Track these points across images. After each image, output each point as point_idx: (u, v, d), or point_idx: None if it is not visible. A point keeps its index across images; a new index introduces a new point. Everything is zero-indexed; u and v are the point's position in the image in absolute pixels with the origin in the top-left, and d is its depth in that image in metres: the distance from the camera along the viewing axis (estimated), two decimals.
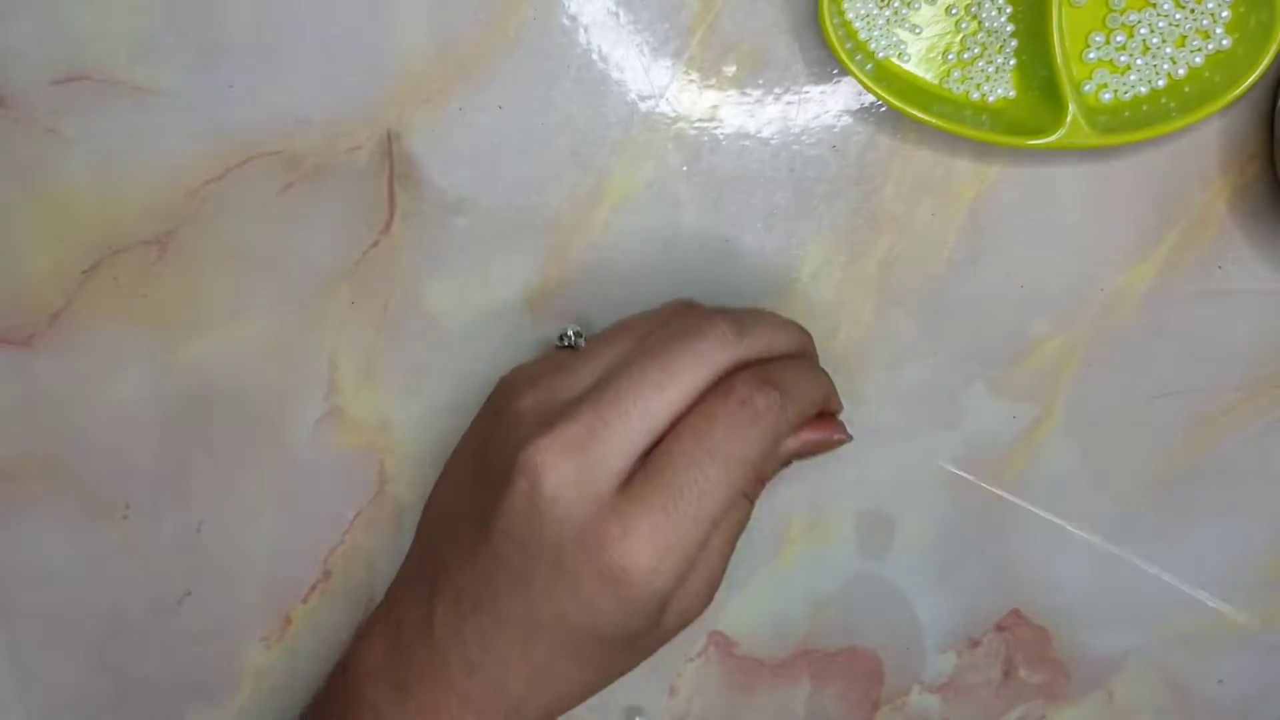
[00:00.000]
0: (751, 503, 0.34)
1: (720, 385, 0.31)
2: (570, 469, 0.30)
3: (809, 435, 0.34)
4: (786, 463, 0.34)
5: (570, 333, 0.37)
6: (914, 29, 0.38)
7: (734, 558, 0.42)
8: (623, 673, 0.34)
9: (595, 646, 0.32)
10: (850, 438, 0.35)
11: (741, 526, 0.33)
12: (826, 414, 0.35)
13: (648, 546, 0.30)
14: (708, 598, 0.33)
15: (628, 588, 0.30)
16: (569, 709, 0.34)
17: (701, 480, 0.30)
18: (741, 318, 0.33)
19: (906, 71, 0.38)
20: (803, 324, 0.36)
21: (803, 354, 0.35)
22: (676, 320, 0.33)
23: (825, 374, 0.35)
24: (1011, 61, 0.38)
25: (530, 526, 0.31)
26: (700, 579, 0.33)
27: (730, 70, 0.39)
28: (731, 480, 0.31)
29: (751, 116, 0.39)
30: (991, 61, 0.38)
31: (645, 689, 0.44)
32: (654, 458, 0.31)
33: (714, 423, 0.31)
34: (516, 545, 0.31)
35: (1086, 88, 0.38)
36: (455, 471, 0.36)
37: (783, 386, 0.32)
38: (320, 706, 0.36)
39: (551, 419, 0.31)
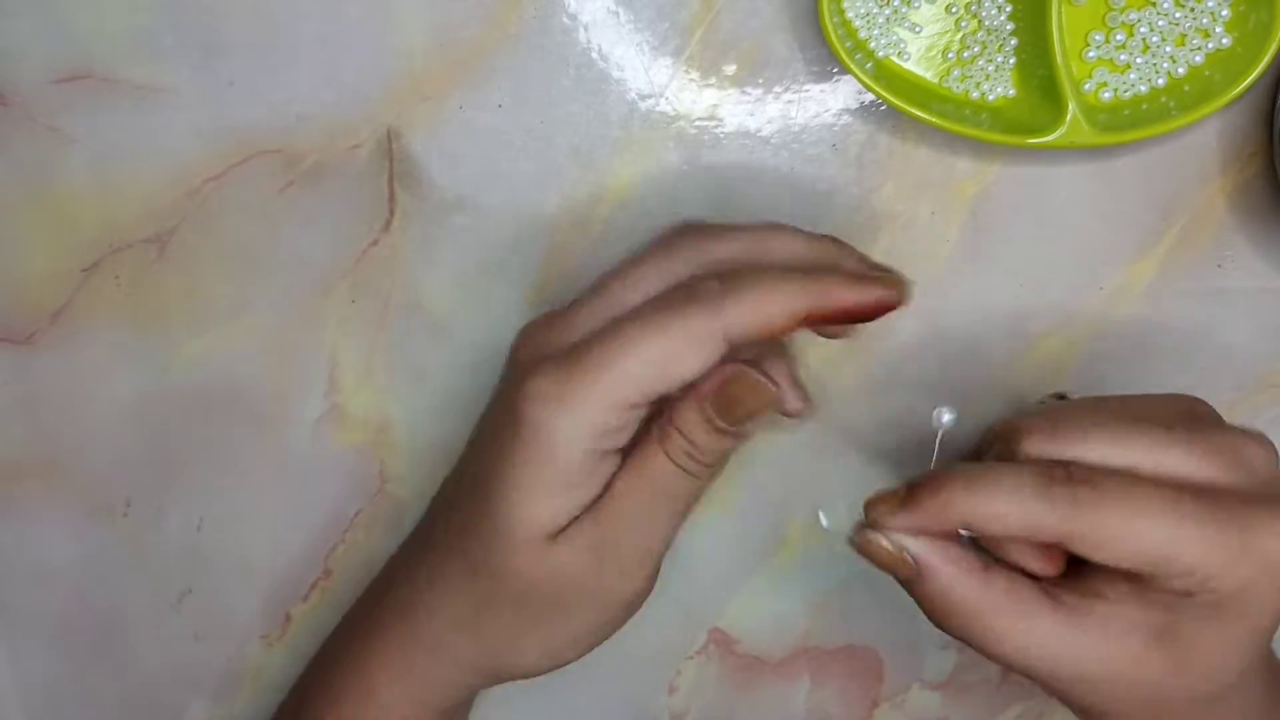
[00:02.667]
0: (689, 478, 0.32)
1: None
2: (535, 339, 0.33)
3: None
4: (710, 422, 0.32)
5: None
6: (914, 28, 0.38)
7: (734, 556, 0.43)
8: (519, 626, 0.34)
9: (489, 532, 0.33)
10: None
11: (672, 498, 0.33)
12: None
13: (548, 386, 0.31)
14: (617, 564, 0.33)
15: (523, 425, 0.31)
16: (536, 658, 0.35)
17: (611, 347, 0.31)
18: (731, 283, 0.31)
19: (906, 70, 0.38)
20: None
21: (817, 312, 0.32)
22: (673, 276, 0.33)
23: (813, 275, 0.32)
24: (1011, 60, 0.38)
25: (493, 397, 0.34)
26: (610, 526, 0.32)
27: (730, 69, 0.39)
28: (643, 354, 0.30)
29: (751, 115, 0.39)
30: (991, 60, 0.38)
31: (645, 687, 0.44)
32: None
33: (654, 302, 0.32)
34: (479, 424, 0.35)
35: (1086, 86, 0.38)
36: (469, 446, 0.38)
37: (731, 275, 0.31)
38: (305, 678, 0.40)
39: (537, 365, 0.32)
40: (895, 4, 0.37)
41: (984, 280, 0.40)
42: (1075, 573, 0.31)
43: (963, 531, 0.30)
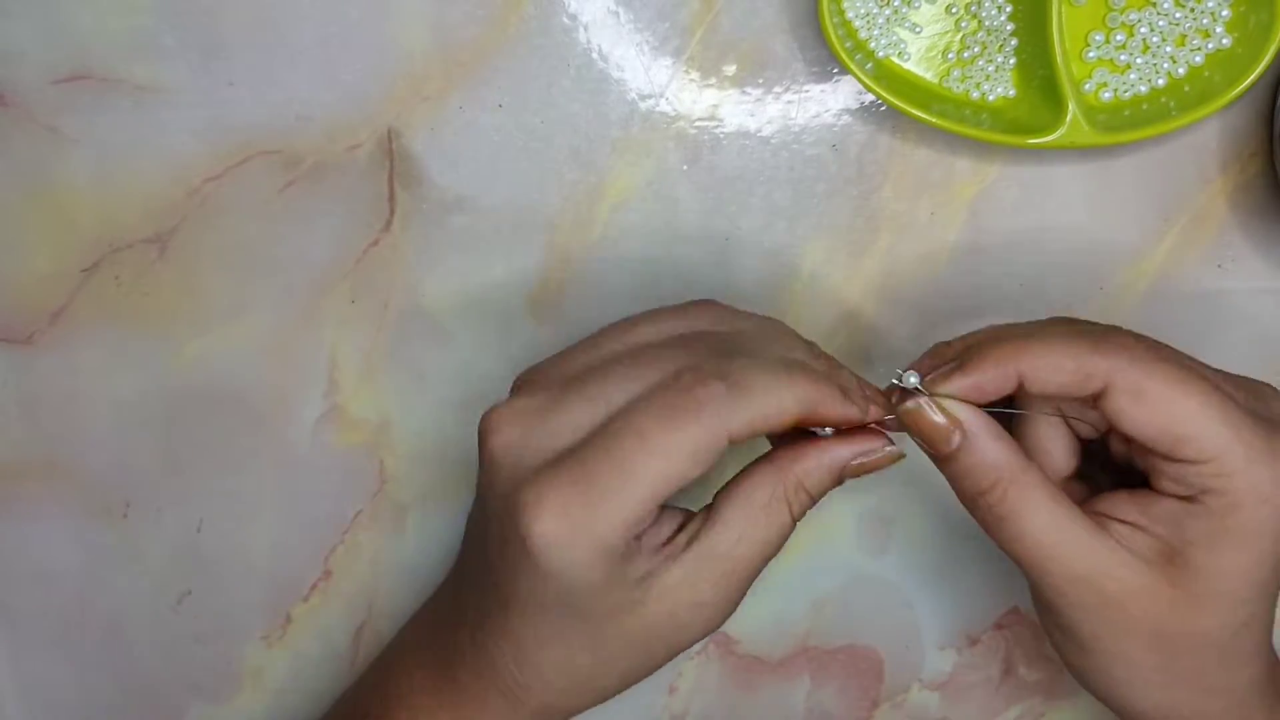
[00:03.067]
0: (792, 519, 0.32)
1: (674, 371, 0.30)
2: (516, 434, 0.31)
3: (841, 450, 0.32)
4: (838, 482, 0.33)
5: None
6: (914, 28, 0.38)
7: None
8: (626, 668, 0.34)
9: (555, 620, 0.32)
10: (892, 452, 0.33)
11: (769, 545, 0.32)
12: (868, 430, 0.33)
13: (550, 510, 0.29)
14: (710, 610, 0.32)
15: (531, 547, 0.30)
16: (572, 701, 0.34)
17: (619, 454, 0.29)
18: (736, 383, 0.30)
19: (906, 71, 0.38)
20: (804, 324, 0.35)
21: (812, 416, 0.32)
22: (675, 366, 0.31)
23: (810, 380, 0.31)
24: (1011, 60, 0.38)
25: (482, 493, 0.32)
26: (703, 587, 0.32)
27: (730, 69, 0.39)
28: (651, 462, 0.29)
29: (752, 115, 0.39)
30: (991, 60, 0.38)
31: (645, 687, 0.44)
32: (590, 436, 0.30)
33: (646, 402, 0.30)
34: (475, 515, 0.34)
35: (1086, 86, 0.38)
36: (472, 523, 0.36)
37: (735, 380, 0.30)
38: (363, 683, 0.39)
39: (539, 473, 0.30)
40: (895, 4, 0.37)
41: (983, 280, 0.40)
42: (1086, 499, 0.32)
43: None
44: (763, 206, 0.40)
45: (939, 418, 0.31)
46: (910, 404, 0.31)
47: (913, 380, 0.32)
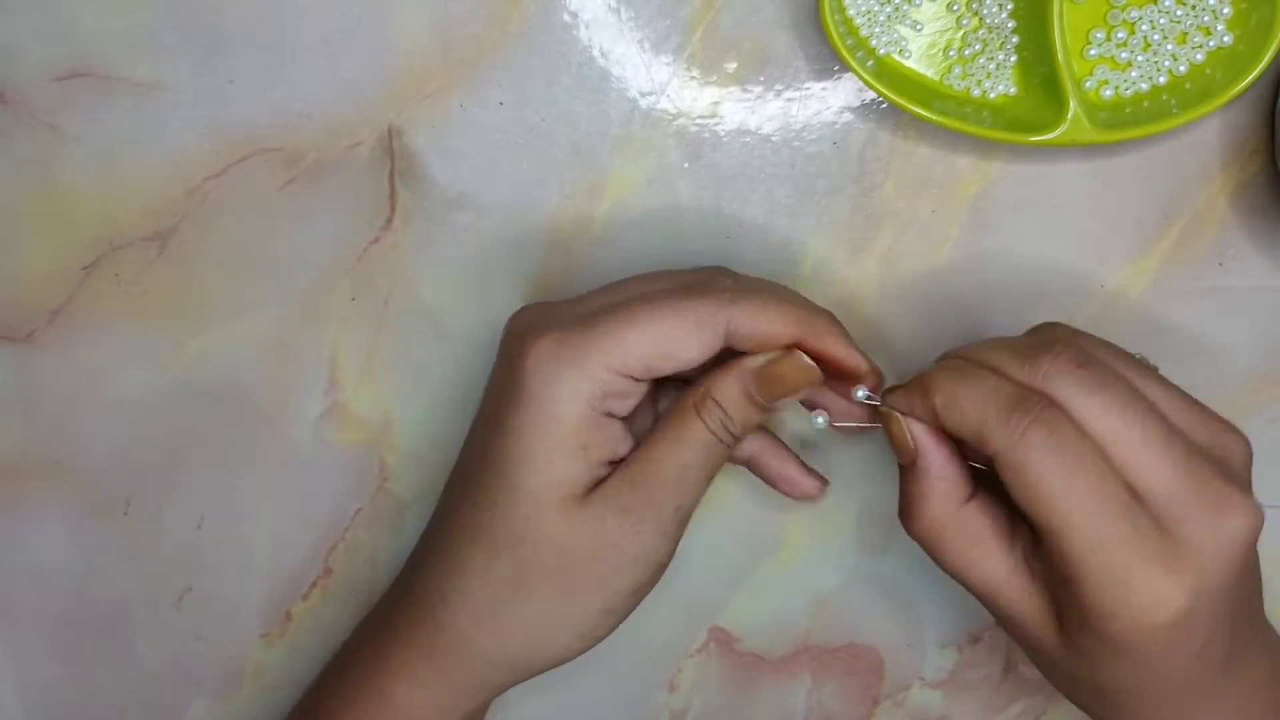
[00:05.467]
0: (718, 445, 0.33)
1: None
2: (536, 313, 0.33)
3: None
4: (756, 405, 0.33)
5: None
6: (915, 25, 0.38)
7: (734, 555, 0.43)
8: (560, 598, 0.34)
9: (508, 502, 0.33)
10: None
11: (703, 462, 0.33)
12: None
13: (548, 347, 0.32)
14: (653, 523, 0.33)
15: (524, 383, 0.32)
16: (526, 651, 0.34)
17: (616, 318, 0.32)
18: (748, 281, 0.34)
19: (907, 68, 0.38)
20: None
21: (807, 339, 0.33)
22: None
23: (814, 310, 0.34)
24: (1013, 58, 0.38)
25: (493, 370, 0.34)
26: (644, 484, 0.33)
27: (731, 67, 0.39)
28: (645, 332, 0.32)
29: (753, 113, 0.39)
30: (992, 58, 0.38)
31: (645, 686, 0.44)
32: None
33: (665, 285, 0.33)
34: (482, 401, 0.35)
35: (1088, 84, 0.38)
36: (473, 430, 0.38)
37: (744, 287, 0.33)
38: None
39: (545, 329, 0.33)
40: (896, 1, 0.37)
41: (984, 278, 0.40)
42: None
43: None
44: (764, 204, 0.40)
45: (902, 423, 0.32)
46: (884, 408, 0.33)
47: (819, 422, 0.35)
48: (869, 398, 0.33)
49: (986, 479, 0.32)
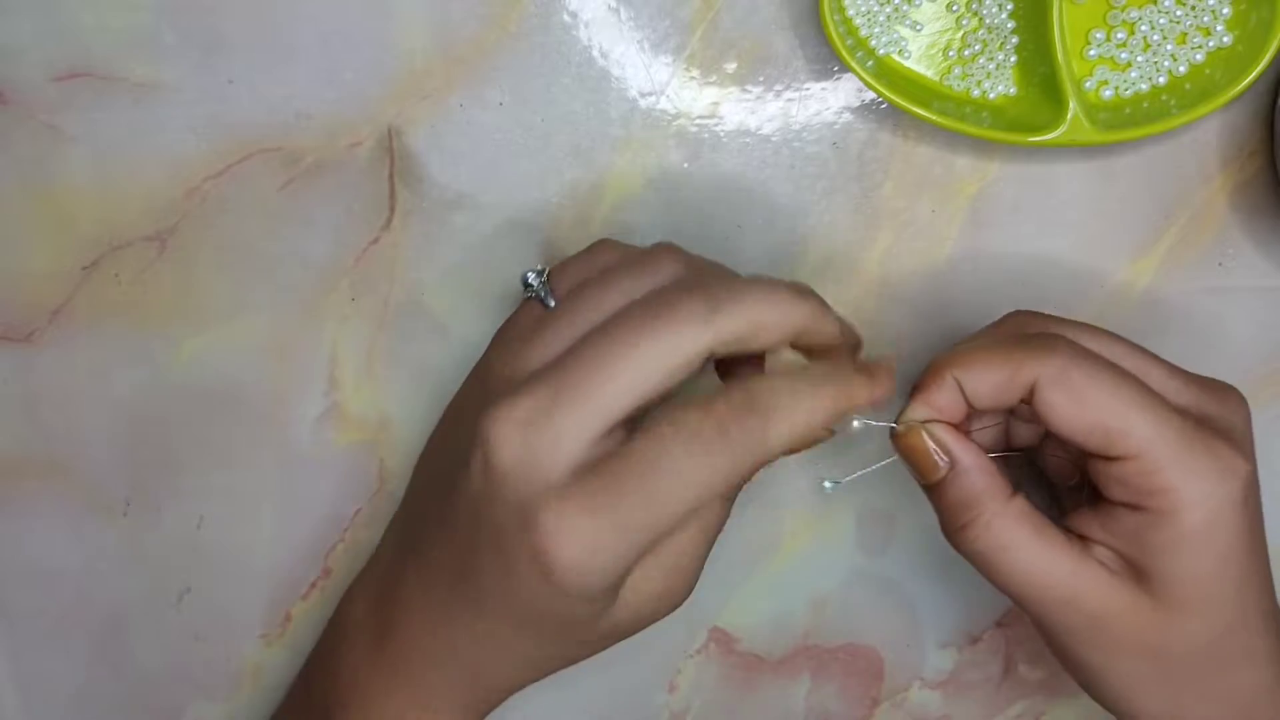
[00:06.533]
0: (728, 502, 0.32)
1: (705, 398, 0.29)
2: (519, 446, 0.29)
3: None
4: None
5: (532, 280, 0.34)
6: (915, 26, 0.38)
7: (734, 555, 0.42)
8: (577, 658, 0.34)
9: (535, 629, 0.32)
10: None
11: (715, 528, 0.32)
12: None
13: (577, 542, 0.28)
14: (672, 600, 0.32)
15: (554, 580, 0.29)
16: (526, 683, 0.34)
17: (653, 490, 0.28)
18: (718, 294, 0.30)
19: (907, 68, 0.38)
20: None
21: (798, 335, 0.31)
22: (654, 286, 0.31)
23: (832, 373, 0.31)
24: (1012, 58, 0.38)
25: (481, 501, 0.30)
26: (660, 580, 0.32)
27: (731, 67, 0.39)
28: (686, 497, 0.29)
29: (752, 113, 0.39)
30: (992, 58, 0.38)
31: (645, 686, 0.44)
32: (613, 456, 0.29)
33: (679, 435, 0.29)
34: (470, 518, 0.31)
35: (1087, 84, 0.38)
36: (442, 427, 0.37)
37: (768, 410, 0.29)
38: (312, 659, 0.38)
39: (514, 388, 0.30)
40: (896, 2, 0.37)
41: (984, 278, 0.40)
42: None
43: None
44: (763, 204, 0.39)
45: (930, 444, 0.32)
46: (902, 426, 0.32)
47: (827, 485, 0.34)
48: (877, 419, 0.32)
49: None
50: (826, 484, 0.35)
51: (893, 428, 0.32)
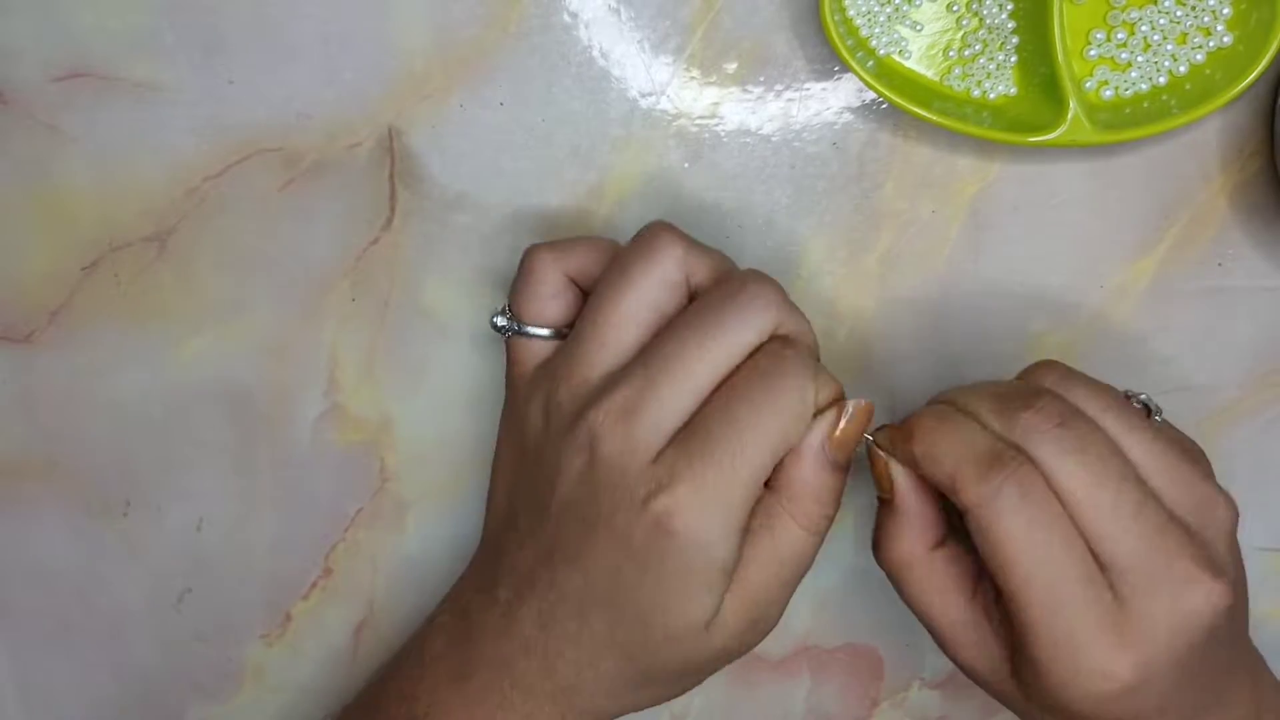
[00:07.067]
0: (816, 537, 0.33)
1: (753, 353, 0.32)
2: (622, 434, 0.31)
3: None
4: (844, 468, 0.33)
5: (501, 322, 0.35)
6: (915, 26, 0.38)
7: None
8: (671, 689, 0.35)
9: (645, 635, 0.32)
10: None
11: (803, 561, 0.33)
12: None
13: (691, 495, 0.30)
14: (763, 628, 0.33)
15: (675, 538, 0.30)
16: (618, 712, 0.34)
17: (737, 433, 0.31)
18: (771, 290, 0.33)
19: (907, 68, 0.38)
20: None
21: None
22: (665, 276, 0.33)
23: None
24: (1013, 58, 0.38)
25: (589, 495, 0.31)
26: (754, 603, 0.32)
27: (731, 67, 0.39)
28: (768, 435, 0.31)
29: (753, 113, 0.39)
30: (992, 58, 0.38)
31: None
32: (695, 416, 0.31)
33: (751, 377, 0.31)
34: (576, 517, 0.32)
35: (1088, 85, 0.38)
36: (505, 475, 0.36)
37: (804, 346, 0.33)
38: (378, 692, 0.36)
39: (599, 393, 0.32)
40: (896, 2, 0.37)
41: (984, 279, 0.40)
42: None
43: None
44: (763, 204, 0.40)
45: (885, 460, 0.33)
46: (871, 437, 0.33)
47: None
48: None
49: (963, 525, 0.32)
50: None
51: (869, 438, 0.33)
